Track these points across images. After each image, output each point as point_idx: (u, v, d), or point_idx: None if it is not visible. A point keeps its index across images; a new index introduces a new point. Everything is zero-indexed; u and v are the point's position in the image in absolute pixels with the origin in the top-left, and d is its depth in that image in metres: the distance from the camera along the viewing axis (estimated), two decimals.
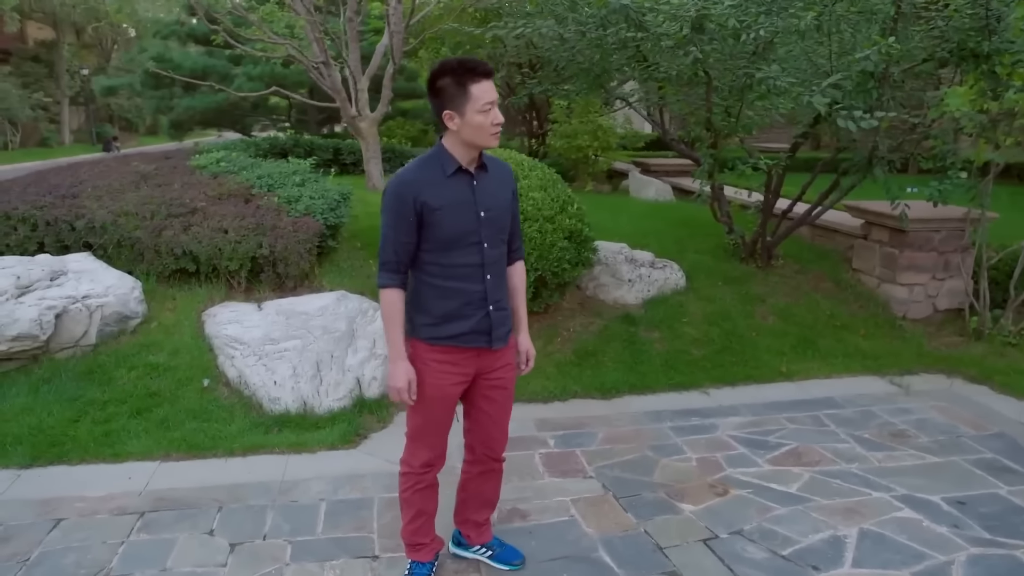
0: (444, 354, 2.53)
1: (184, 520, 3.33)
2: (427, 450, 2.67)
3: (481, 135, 2.40)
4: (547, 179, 5.04)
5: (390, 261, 2.46)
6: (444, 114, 2.39)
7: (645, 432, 4.25)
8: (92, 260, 4.91)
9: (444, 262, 2.47)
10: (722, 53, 3.73)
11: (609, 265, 5.67)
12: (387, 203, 2.44)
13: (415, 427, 2.66)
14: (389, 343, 2.48)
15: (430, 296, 2.50)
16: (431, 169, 2.44)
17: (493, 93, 2.41)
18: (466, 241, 2.47)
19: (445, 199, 2.41)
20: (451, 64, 2.38)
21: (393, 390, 2.49)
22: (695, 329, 5.47)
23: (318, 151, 9.30)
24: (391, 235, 2.44)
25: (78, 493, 3.56)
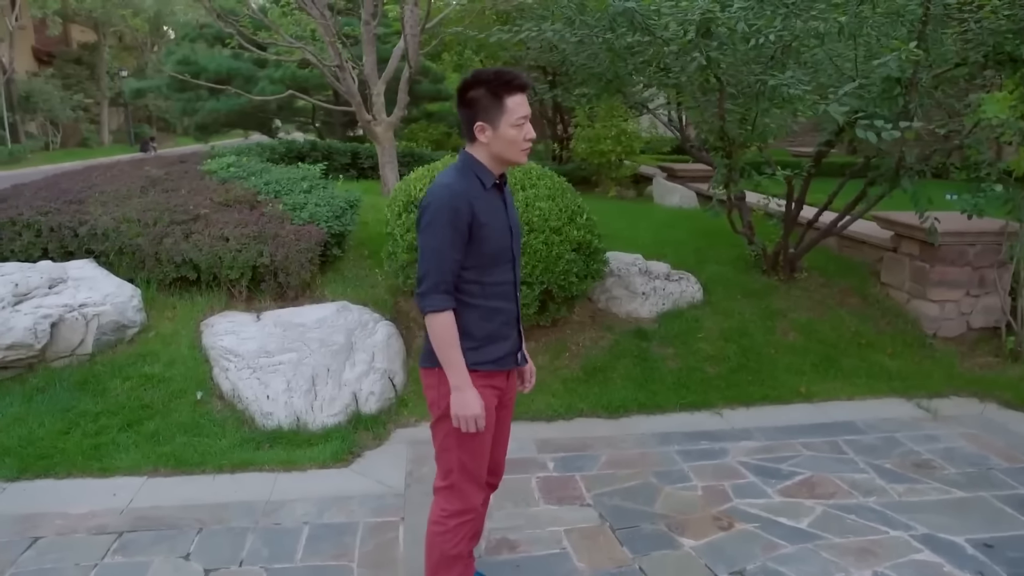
0: (486, 378, 2.38)
1: (162, 542, 3.22)
2: (479, 486, 2.50)
3: (512, 150, 2.30)
4: (556, 188, 4.86)
5: (444, 281, 2.25)
6: (476, 126, 2.28)
7: (650, 456, 4.04)
8: (93, 267, 4.86)
9: (486, 280, 2.34)
10: (734, 58, 3.52)
11: (622, 277, 5.47)
12: (441, 217, 2.22)
13: (466, 464, 2.42)
14: (453, 370, 2.27)
15: (472, 318, 2.33)
16: (471, 181, 2.29)
17: (527, 107, 2.31)
18: (503, 258, 2.38)
19: (489, 214, 2.30)
20: (487, 75, 2.28)
21: (467, 419, 2.28)
22: (710, 345, 5.24)
23: (336, 155, 9.23)
24: (447, 252, 2.23)
25: (60, 509, 3.48)
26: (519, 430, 4.37)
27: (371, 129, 7.84)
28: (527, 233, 4.52)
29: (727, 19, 3.20)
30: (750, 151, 4.63)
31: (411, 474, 3.85)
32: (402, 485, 3.74)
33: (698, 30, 3.37)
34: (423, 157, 9.60)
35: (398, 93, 7.81)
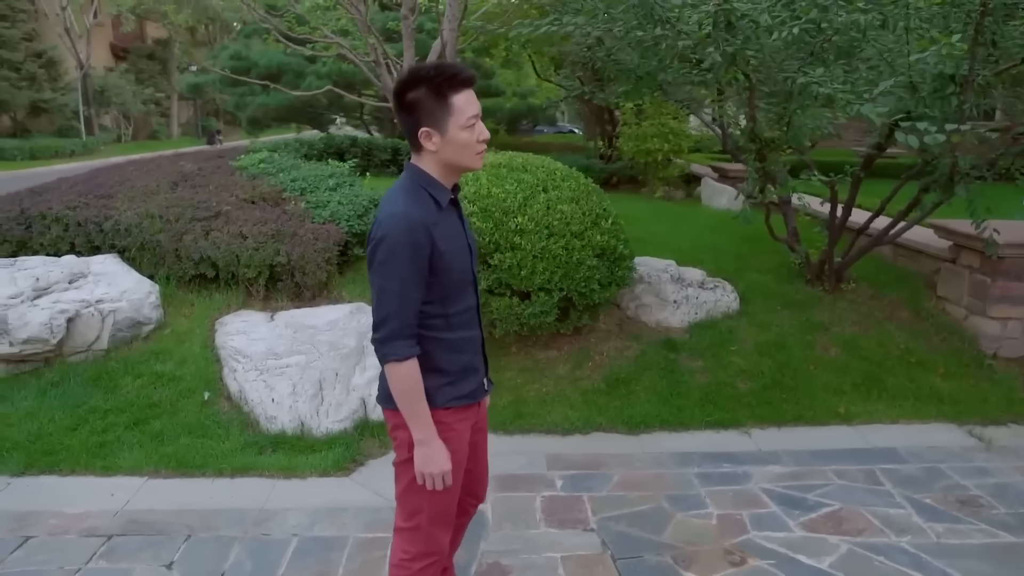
0: (461, 413, 2.16)
1: (148, 548, 3.15)
2: (448, 529, 2.27)
3: (466, 155, 2.02)
4: (581, 190, 4.64)
5: (408, 325, 1.98)
6: (421, 132, 1.99)
7: (666, 478, 3.80)
8: (116, 262, 4.87)
9: (451, 311, 2.08)
10: (763, 54, 3.23)
11: (652, 284, 5.20)
12: (396, 252, 1.93)
13: (441, 505, 2.19)
14: (418, 423, 2.02)
15: (440, 353, 2.08)
16: (423, 202, 2.00)
17: (477, 104, 2.03)
18: (467, 282, 2.14)
19: (448, 239, 2.03)
20: (426, 71, 2.00)
21: (434, 477, 2.05)
22: (744, 359, 4.93)
23: (376, 151, 9.17)
24: (410, 292, 1.96)
25: (57, 508, 3.46)
26: (531, 443, 4.18)
27: None
28: (546, 238, 4.32)
29: (749, 11, 2.92)
30: (785, 154, 4.30)
31: None
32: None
33: (715, 22, 3.10)
34: None
35: None
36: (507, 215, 4.34)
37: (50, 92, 26.02)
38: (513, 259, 4.28)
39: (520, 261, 4.28)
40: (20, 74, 24.70)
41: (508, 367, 4.80)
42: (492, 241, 4.29)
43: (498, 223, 4.31)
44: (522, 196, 4.42)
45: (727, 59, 3.31)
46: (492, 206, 4.35)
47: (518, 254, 4.28)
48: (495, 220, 4.31)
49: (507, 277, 4.32)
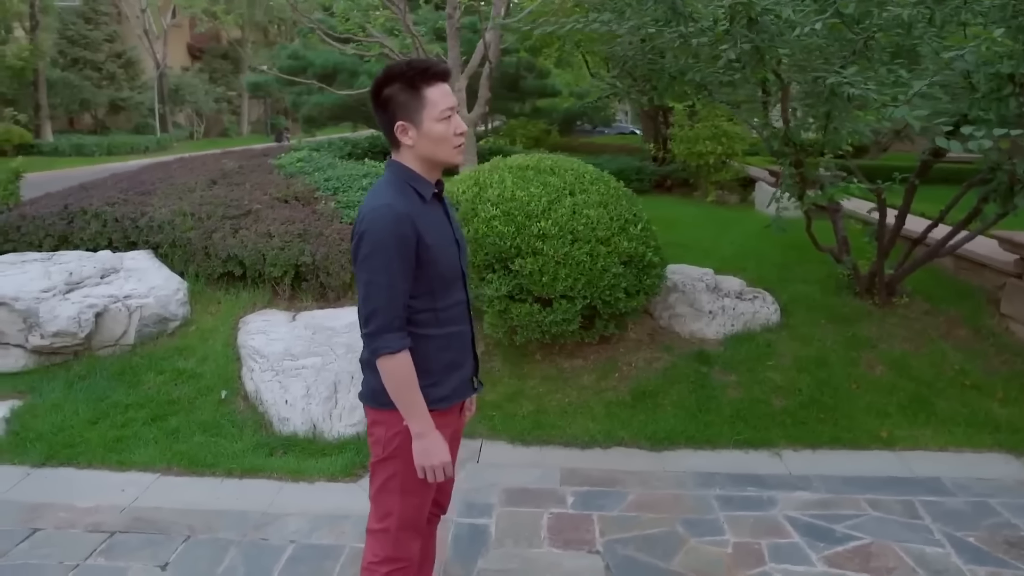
0: (442, 416, 2.10)
1: (147, 547, 3.15)
2: (418, 535, 2.22)
3: (443, 148, 2.01)
4: (610, 194, 4.47)
5: (397, 318, 1.96)
6: (397, 127, 1.99)
7: (684, 499, 3.60)
8: (149, 259, 4.95)
9: (439, 306, 2.06)
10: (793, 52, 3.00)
11: (686, 293, 4.99)
12: (382, 244, 1.92)
13: (413, 509, 2.17)
14: (415, 414, 2.00)
15: (427, 350, 2.05)
16: (408, 196, 2.00)
17: (452, 98, 2.02)
18: (454, 277, 2.10)
19: (433, 232, 2.01)
20: (399, 67, 1.99)
21: (435, 469, 2.02)
22: (781, 375, 4.67)
23: None
24: (398, 284, 1.94)
25: (68, 501, 3.50)
26: (548, 456, 4.04)
27: None
28: (570, 243, 4.17)
29: (772, 5, 2.70)
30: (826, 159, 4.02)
31: None
32: None
33: (732, 17, 2.88)
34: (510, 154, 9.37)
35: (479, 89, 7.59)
36: (530, 219, 4.20)
37: (128, 91, 27.15)
38: (535, 264, 4.14)
39: (542, 267, 4.15)
40: (101, 74, 25.87)
41: (531, 375, 4.67)
42: (514, 246, 4.17)
43: (520, 227, 4.18)
44: (547, 200, 4.28)
45: (751, 57, 3.10)
46: (515, 209, 4.23)
47: (540, 259, 4.15)
48: (517, 224, 4.19)
49: (528, 283, 4.19)
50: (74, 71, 24.73)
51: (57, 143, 22.32)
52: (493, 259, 4.23)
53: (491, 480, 3.76)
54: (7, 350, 4.41)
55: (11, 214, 5.31)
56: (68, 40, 25.12)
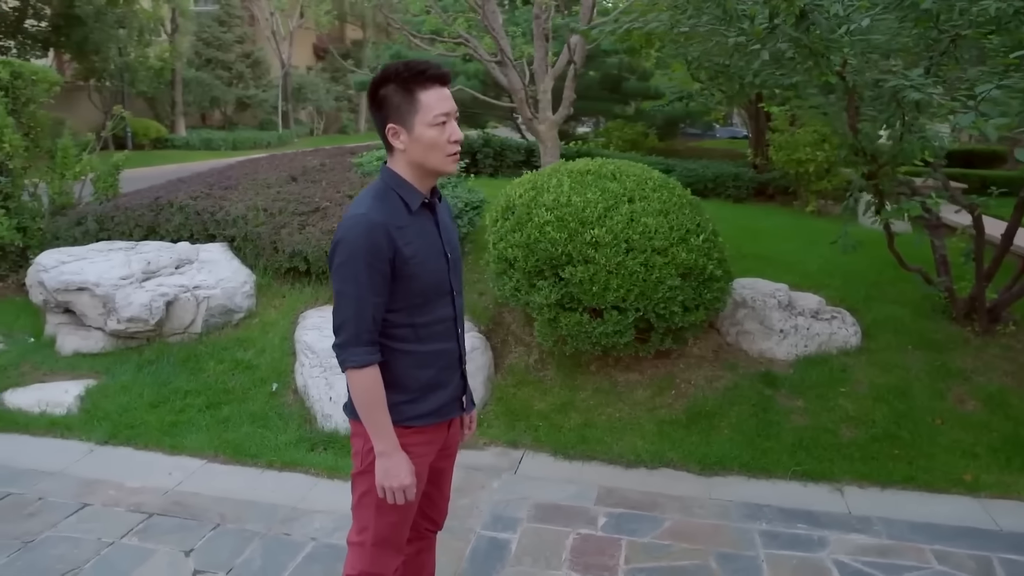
0: (422, 434, 2.05)
1: (178, 532, 3.26)
2: (397, 553, 2.16)
3: (434, 155, 1.92)
4: (673, 203, 4.25)
5: (366, 331, 1.90)
6: (388, 129, 1.93)
7: (725, 532, 3.35)
8: (223, 251, 5.16)
9: (419, 321, 1.99)
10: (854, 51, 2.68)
11: (756, 310, 4.68)
12: (353, 255, 1.86)
13: (388, 527, 2.10)
14: (379, 433, 1.95)
15: (403, 366, 2.00)
16: (392, 205, 1.93)
17: (449, 103, 1.93)
18: (440, 292, 2.02)
19: (416, 244, 1.94)
20: (395, 67, 1.92)
21: (396, 490, 1.97)
22: (854, 403, 4.30)
23: (509, 152, 9.12)
24: (366, 297, 1.88)
25: (119, 480, 3.68)
26: (589, 472, 3.89)
27: (533, 127, 7.59)
28: (624, 253, 3.99)
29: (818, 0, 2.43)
30: (901, 170, 3.63)
31: None
32: None
33: (772, 15, 2.61)
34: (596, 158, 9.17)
35: (564, 91, 7.47)
36: (584, 226, 4.06)
37: (254, 89, 28.74)
38: (586, 273, 4.00)
39: (593, 276, 3.99)
40: (231, 73, 27.52)
41: (583, 386, 4.52)
42: (565, 252, 4.04)
43: (573, 234, 4.04)
44: (603, 206, 4.12)
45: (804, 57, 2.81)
46: (569, 215, 4.09)
47: (591, 268, 4.00)
48: (570, 230, 4.05)
49: (578, 292, 4.05)
50: (207, 71, 26.45)
51: (189, 138, 23.96)
52: (544, 265, 4.11)
53: (524, 493, 3.66)
54: (89, 332, 4.71)
55: (108, 205, 5.69)
56: (203, 42, 26.88)
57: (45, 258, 4.88)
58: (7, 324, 5.21)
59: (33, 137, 6.07)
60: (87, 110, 22.55)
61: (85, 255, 4.87)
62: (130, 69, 21.24)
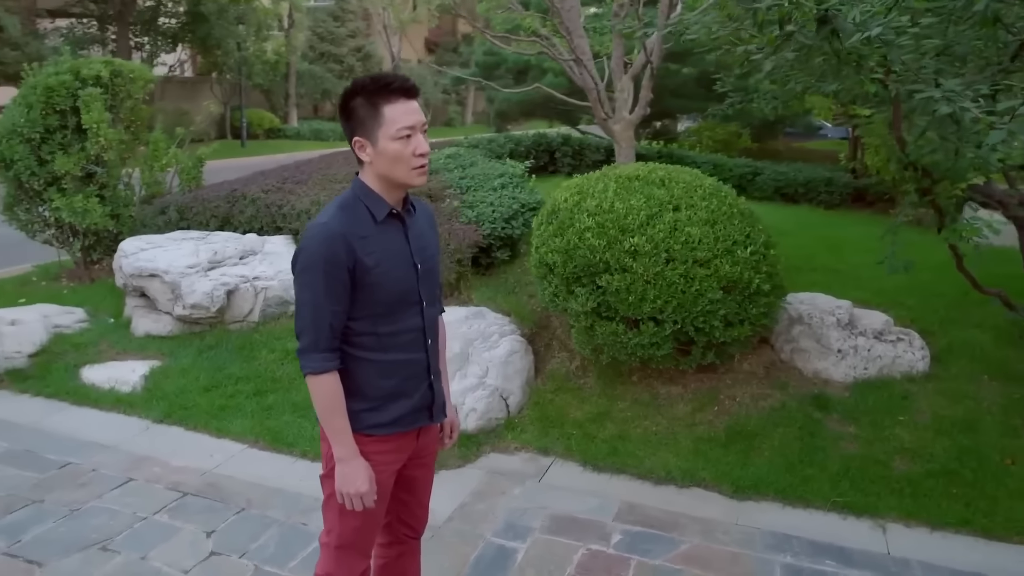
0: (384, 443, 2.08)
1: (205, 513, 3.43)
2: (362, 557, 2.21)
3: (399, 168, 1.94)
4: (722, 212, 4.07)
5: (323, 339, 1.93)
6: (354, 142, 1.97)
7: (744, 562, 3.20)
8: (286, 244, 5.37)
9: (382, 331, 2.01)
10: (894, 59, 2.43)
11: (813, 327, 4.43)
12: (311, 263, 1.91)
13: (352, 531, 2.13)
14: (337, 440, 1.99)
15: (366, 375, 2.02)
16: (357, 215, 1.96)
17: (414, 116, 1.94)
18: (405, 303, 2.04)
19: (380, 254, 1.96)
20: (363, 81, 1.96)
21: (353, 497, 1.99)
22: (912, 434, 3.99)
23: (588, 152, 9.02)
24: (323, 305, 1.91)
25: (164, 459, 3.92)
26: (614, 486, 3.80)
27: (608, 127, 7.45)
28: (663, 263, 3.87)
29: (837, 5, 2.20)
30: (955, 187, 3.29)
31: (462, 507, 3.58)
32: (444, 516, 3.49)
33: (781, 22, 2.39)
34: (680, 159, 8.92)
35: (640, 90, 7.30)
36: (624, 233, 3.96)
37: None
38: (622, 282, 3.90)
39: (630, 285, 3.89)
40: (342, 66, 28.61)
41: (622, 396, 4.42)
42: (602, 260, 3.96)
43: (612, 241, 3.96)
44: (646, 214, 4.01)
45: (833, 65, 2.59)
46: (610, 222, 4.01)
47: (628, 277, 3.90)
48: (609, 238, 3.96)
49: (615, 301, 3.96)
50: (320, 64, 27.62)
51: (300, 128, 25.16)
52: (581, 272, 4.05)
53: (543, 503, 3.62)
54: (159, 316, 5.03)
55: (188, 196, 6.06)
56: (318, 36, 28.08)
57: (127, 244, 5.25)
58: (95, 304, 5.65)
59: (133, 130, 6.52)
60: (208, 101, 24.08)
61: (161, 243, 5.21)
62: (248, 63, 22.49)
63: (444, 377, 2.37)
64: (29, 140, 5.70)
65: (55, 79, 5.72)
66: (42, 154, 5.78)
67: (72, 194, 5.78)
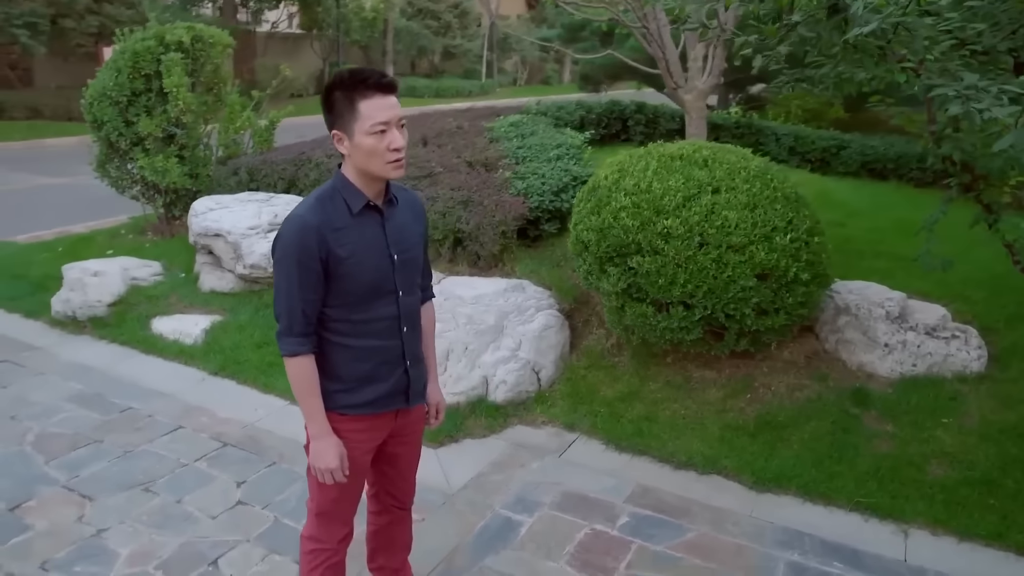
0: (358, 422, 2.21)
1: (240, 464, 3.70)
2: (342, 525, 2.38)
3: (375, 162, 2.01)
4: (764, 196, 3.93)
5: (297, 324, 2.06)
6: (332, 134, 2.06)
7: (747, 555, 3.17)
8: None
9: (356, 318, 2.12)
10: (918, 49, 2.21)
11: (859, 318, 4.24)
12: (286, 253, 2.02)
13: (329, 501, 2.30)
14: (310, 418, 2.13)
15: (341, 359, 2.14)
16: (334, 207, 2.06)
17: (389, 112, 1.99)
18: (379, 292, 2.13)
19: (353, 245, 2.06)
20: (342, 75, 2.03)
21: (323, 472, 2.14)
22: (955, 438, 3.80)
23: (662, 120, 8.77)
24: (296, 292, 2.03)
25: (212, 409, 4.22)
26: (633, 467, 3.81)
27: (678, 96, 7.26)
28: (696, 247, 3.79)
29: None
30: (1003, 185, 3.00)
31: (479, 476, 3.70)
32: (460, 485, 3.62)
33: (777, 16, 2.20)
34: (759, 130, 8.55)
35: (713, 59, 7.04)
36: (658, 215, 3.90)
37: (460, 39, 29.78)
38: (653, 264, 3.85)
39: (660, 268, 3.84)
40: (439, 23, 28.73)
41: (655, 377, 4.40)
42: (635, 241, 3.91)
43: (645, 222, 3.90)
44: (683, 195, 3.92)
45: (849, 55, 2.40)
46: (645, 203, 3.95)
47: (659, 260, 3.85)
48: (643, 219, 3.91)
49: (645, 283, 3.92)
50: (417, 20, 27.81)
51: None
52: (614, 252, 4.02)
53: (558, 479, 3.69)
54: (224, 273, 5.34)
55: (259, 158, 6.34)
56: None
57: (198, 204, 5.58)
58: (170, 258, 6.06)
59: (216, 91, 6.85)
60: (308, 57, 24.77)
61: (228, 204, 5.50)
62: (346, 19, 22.94)
63: (431, 361, 2.47)
64: (117, 103, 6.10)
65: (141, 45, 6.07)
66: (128, 116, 6.18)
67: (154, 154, 6.18)
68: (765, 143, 8.31)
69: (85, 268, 5.30)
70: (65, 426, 4.01)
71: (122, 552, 3.05)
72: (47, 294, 5.54)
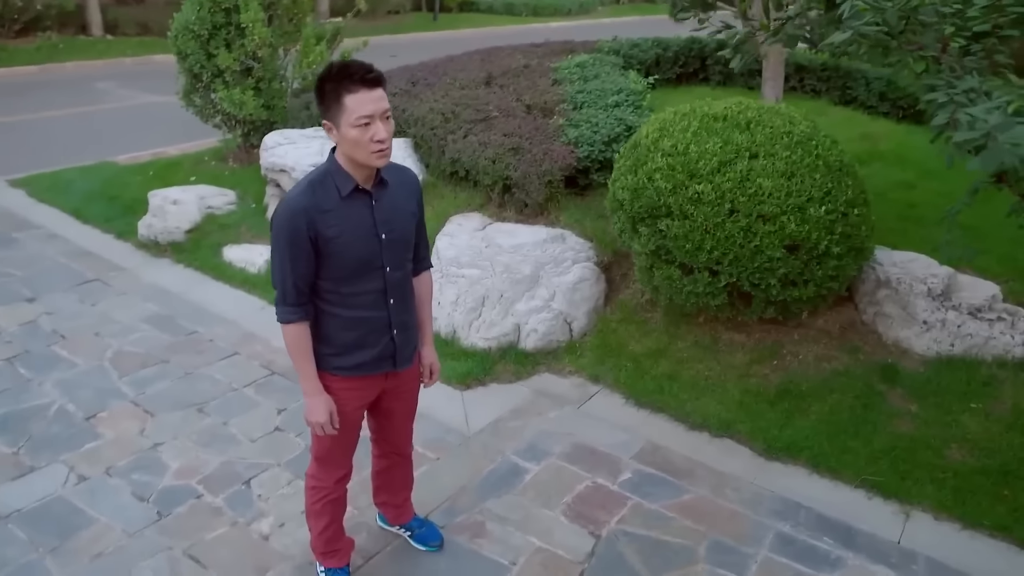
0: (348, 382, 2.45)
1: (282, 392, 4.08)
2: (337, 468, 2.66)
3: (360, 152, 2.18)
4: (804, 164, 3.83)
5: (290, 295, 2.26)
6: (323, 124, 2.23)
7: (739, 521, 3.29)
8: (405, 148, 5.74)
9: (344, 291, 2.33)
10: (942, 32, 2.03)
11: (899, 292, 4.13)
12: (278, 233, 2.22)
13: (325, 449, 2.57)
14: (303, 377, 2.37)
15: (331, 326, 2.36)
16: (325, 190, 2.23)
17: (373, 105, 2.14)
18: (368, 268, 2.33)
19: (341, 226, 2.23)
20: (333, 68, 2.18)
21: (314, 425, 2.40)
22: (981, 425, 3.72)
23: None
24: (288, 268, 2.23)
25: (267, 338, 4.60)
26: (647, 425, 3.94)
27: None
28: (725, 215, 3.77)
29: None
30: None
31: (497, 422, 3.93)
32: (477, 428, 3.86)
33: None
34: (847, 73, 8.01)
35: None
36: (691, 179, 3.87)
37: None
38: (681, 229, 3.86)
39: (688, 233, 3.85)
40: None
41: (683, 336, 4.46)
42: (665, 204, 3.92)
43: (678, 186, 3.89)
44: (719, 160, 3.87)
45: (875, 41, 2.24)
46: (680, 165, 3.92)
47: (688, 224, 3.85)
48: (676, 182, 3.90)
49: (673, 246, 3.94)
50: None
51: (491, 2, 25.09)
52: (645, 213, 4.04)
53: (572, 429, 3.87)
54: None
55: None
56: None
57: (268, 139, 5.88)
58: (244, 187, 6.45)
59: (295, 22, 7.06)
60: None
61: (295, 139, 5.77)
62: None
63: (426, 326, 2.66)
64: (199, 36, 6.41)
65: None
66: (210, 49, 6.49)
67: (232, 86, 6.49)
68: (853, 88, 7.83)
69: (166, 196, 5.75)
70: (139, 345, 4.49)
71: (172, 465, 3.49)
72: (136, 217, 6.06)
